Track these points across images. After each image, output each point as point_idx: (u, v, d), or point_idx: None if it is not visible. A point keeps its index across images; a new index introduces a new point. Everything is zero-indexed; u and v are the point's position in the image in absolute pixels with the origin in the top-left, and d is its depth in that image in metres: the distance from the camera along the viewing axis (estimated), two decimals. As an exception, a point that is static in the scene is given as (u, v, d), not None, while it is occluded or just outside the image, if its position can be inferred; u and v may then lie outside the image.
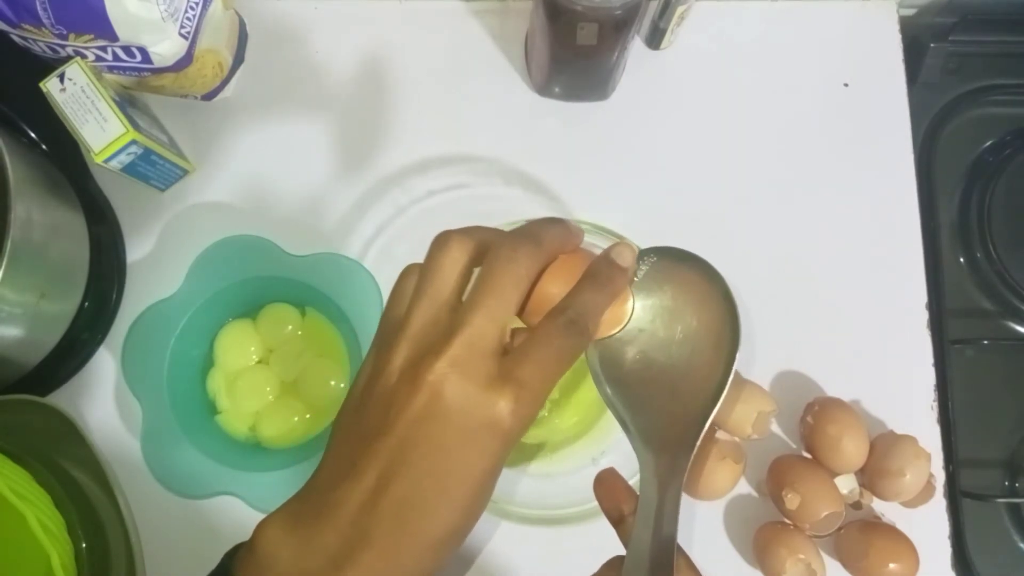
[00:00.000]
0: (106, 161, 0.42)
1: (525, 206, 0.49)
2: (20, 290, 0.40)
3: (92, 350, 0.46)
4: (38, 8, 0.39)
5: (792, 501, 0.42)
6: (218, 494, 0.42)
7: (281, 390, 0.45)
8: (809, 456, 0.45)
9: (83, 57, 0.42)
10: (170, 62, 0.43)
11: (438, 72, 0.51)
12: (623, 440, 0.29)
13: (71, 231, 0.45)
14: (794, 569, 0.41)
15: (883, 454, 0.43)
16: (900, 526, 0.43)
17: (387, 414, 0.23)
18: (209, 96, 0.49)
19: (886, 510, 0.45)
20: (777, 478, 0.43)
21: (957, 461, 0.46)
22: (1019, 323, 0.49)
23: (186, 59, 0.44)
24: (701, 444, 0.27)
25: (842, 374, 0.47)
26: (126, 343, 0.43)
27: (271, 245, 0.44)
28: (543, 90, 0.50)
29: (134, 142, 0.42)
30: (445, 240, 0.25)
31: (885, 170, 0.50)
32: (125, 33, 0.40)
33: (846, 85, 0.51)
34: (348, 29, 0.51)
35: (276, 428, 0.45)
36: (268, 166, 0.49)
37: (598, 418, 0.44)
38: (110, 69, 0.44)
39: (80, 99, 0.42)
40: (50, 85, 0.42)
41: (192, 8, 0.43)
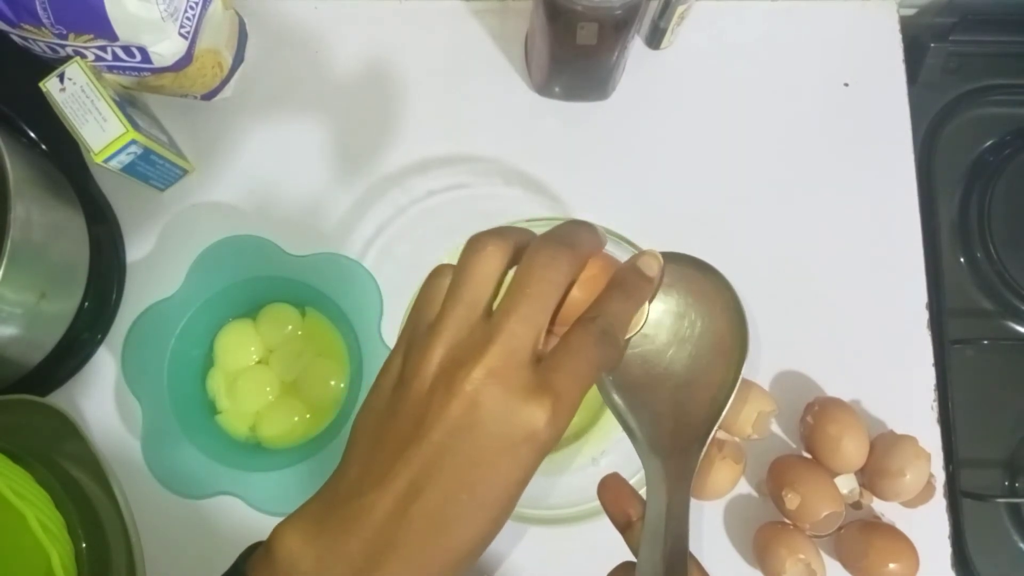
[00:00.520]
0: (106, 161, 0.42)
1: (525, 206, 0.49)
2: (20, 290, 0.40)
3: (92, 350, 0.46)
4: (38, 8, 0.39)
5: (792, 501, 0.42)
6: (218, 494, 0.42)
7: (281, 390, 0.45)
8: (809, 456, 0.45)
9: (83, 57, 0.42)
10: (170, 62, 0.43)
11: (438, 72, 0.51)
12: (623, 440, 0.29)
13: (71, 231, 0.45)
14: (794, 569, 0.41)
15: (883, 454, 0.43)
16: (900, 526, 0.43)
17: (421, 422, 0.22)
18: (209, 96, 0.49)
19: (886, 510, 0.45)
20: (777, 478, 0.43)
21: (957, 461, 0.46)
22: (1019, 323, 0.49)
23: (186, 59, 0.44)
24: (707, 445, 0.28)
25: (842, 374, 0.47)
26: (126, 343, 0.43)
27: (271, 245, 0.44)
28: (543, 90, 0.50)
29: (134, 142, 0.42)
30: (482, 244, 0.24)
31: (885, 170, 0.50)
32: (125, 33, 0.40)
33: (846, 85, 0.51)
34: (348, 29, 0.51)
35: (276, 428, 0.45)
36: (268, 166, 0.49)
37: (598, 418, 0.44)
38: (110, 69, 0.44)
39: (80, 99, 0.42)
40: (50, 85, 0.42)
41: (192, 8, 0.43)
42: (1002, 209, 0.49)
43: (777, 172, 0.50)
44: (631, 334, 0.27)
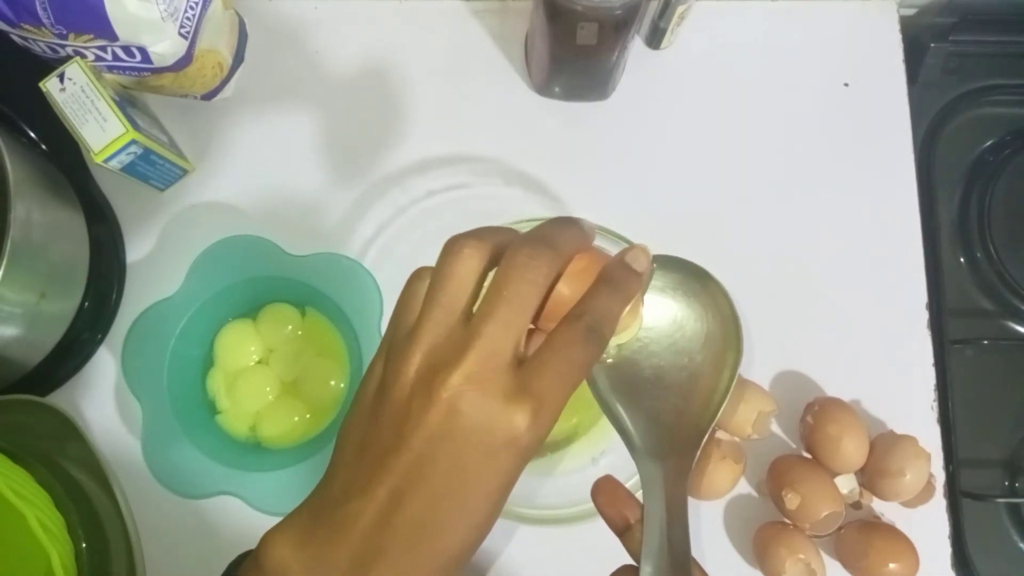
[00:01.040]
0: (106, 161, 0.42)
1: (525, 206, 0.49)
2: (20, 290, 0.40)
3: (92, 350, 0.46)
4: (38, 8, 0.39)
5: (792, 501, 0.42)
6: (218, 494, 0.42)
7: (281, 390, 0.45)
8: (809, 456, 0.45)
9: (83, 57, 0.42)
10: (170, 62, 0.43)
11: (438, 72, 0.51)
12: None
13: (71, 231, 0.45)
14: (794, 569, 0.41)
15: (883, 454, 0.43)
16: (900, 526, 0.43)
17: (401, 429, 0.22)
18: (209, 96, 0.49)
19: (886, 510, 0.45)
20: (777, 478, 0.43)
21: (957, 461, 0.46)
22: (1019, 323, 0.49)
23: (186, 59, 0.44)
24: (702, 447, 0.28)
25: (842, 374, 0.47)
26: (126, 343, 0.43)
27: (271, 245, 0.44)
28: (543, 90, 0.50)
29: (134, 142, 0.42)
30: (459, 245, 0.23)
31: (885, 170, 0.50)
32: (125, 33, 0.40)
33: (846, 85, 0.51)
34: (348, 29, 0.51)
35: (276, 428, 0.45)
36: (268, 166, 0.49)
37: (598, 418, 0.44)
38: (110, 69, 0.44)
39: (80, 99, 0.42)
40: (50, 85, 0.42)
41: (192, 8, 0.43)
42: (1002, 209, 0.49)
43: (777, 172, 0.50)
44: (626, 339, 0.27)
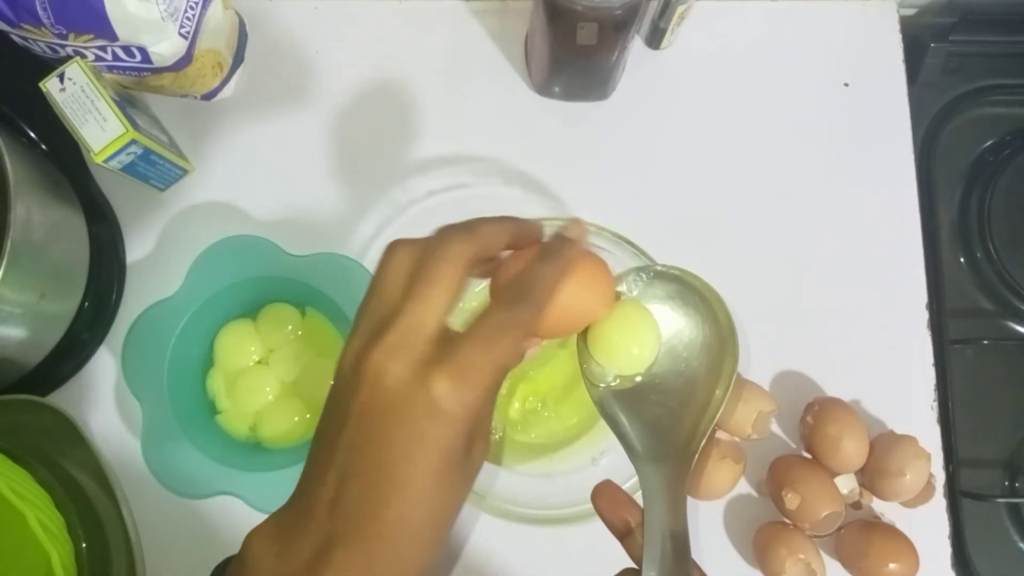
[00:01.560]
0: (106, 161, 0.42)
1: (525, 206, 0.49)
2: (20, 290, 0.40)
3: (92, 350, 0.46)
4: (38, 8, 0.39)
5: (792, 501, 0.42)
6: (218, 494, 0.42)
7: (281, 390, 0.45)
8: (809, 456, 0.45)
9: (83, 57, 0.43)
10: (170, 62, 0.43)
11: (438, 72, 0.51)
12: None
13: (71, 231, 0.45)
14: (794, 569, 0.41)
15: (883, 454, 0.43)
16: (900, 526, 0.43)
17: (343, 411, 0.23)
18: (209, 96, 0.49)
19: (886, 510, 0.45)
20: (777, 478, 0.43)
21: (957, 461, 0.46)
22: (1019, 323, 0.49)
23: (186, 59, 0.44)
24: (702, 448, 0.28)
25: (842, 374, 0.47)
26: (126, 343, 0.43)
27: (271, 245, 0.44)
28: (543, 90, 0.50)
29: (134, 142, 0.42)
30: (391, 247, 0.26)
31: (885, 170, 0.50)
32: (125, 33, 0.40)
33: (846, 85, 0.51)
34: (348, 29, 0.51)
35: (276, 428, 0.45)
36: (268, 166, 0.49)
37: (598, 418, 0.44)
38: (110, 69, 0.44)
39: (80, 99, 0.42)
40: (50, 85, 0.42)
41: (192, 8, 0.43)
42: (1002, 209, 0.49)
43: (777, 172, 0.50)
44: (636, 370, 0.27)
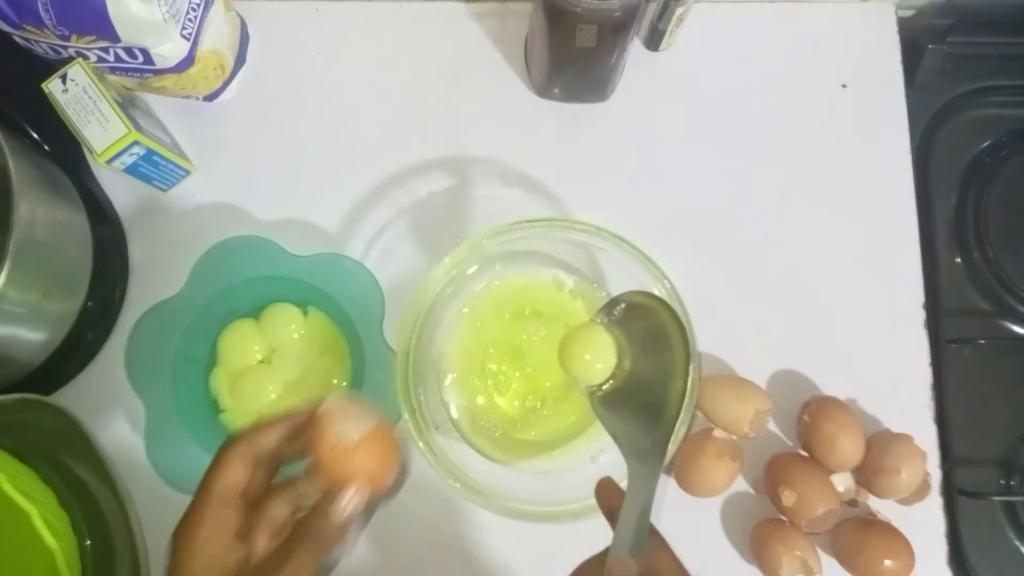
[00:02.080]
0: (109, 162, 0.43)
1: (525, 207, 0.49)
2: (24, 290, 0.40)
3: (96, 349, 0.47)
4: (40, 9, 0.39)
5: (789, 498, 0.42)
6: (221, 492, 0.42)
7: (284, 389, 0.46)
8: (806, 454, 0.45)
9: (85, 58, 0.43)
10: (172, 63, 0.44)
11: (438, 73, 0.51)
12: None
13: (74, 231, 0.45)
14: (791, 566, 0.41)
15: (879, 452, 0.43)
16: (896, 524, 0.44)
17: None
18: (211, 97, 0.49)
19: (882, 508, 0.45)
20: (774, 476, 0.44)
21: (953, 459, 0.46)
22: (1015, 323, 0.49)
23: (188, 60, 0.44)
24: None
25: (839, 373, 0.47)
26: (130, 342, 0.44)
27: (273, 245, 0.44)
28: (543, 91, 0.50)
29: (136, 143, 0.43)
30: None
31: (882, 170, 0.50)
32: (127, 34, 0.41)
33: (844, 86, 0.52)
34: (349, 30, 0.51)
35: (278, 427, 0.45)
36: (270, 166, 0.49)
37: (596, 418, 0.44)
38: (112, 70, 0.45)
39: (82, 100, 0.42)
40: (52, 86, 0.42)
41: (194, 9, 0.43)
42: (998, 210, 0.50)
43: (774, 172, 0.50)
44: (603, 381, 0.34)
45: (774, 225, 0.49)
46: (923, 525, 0.45)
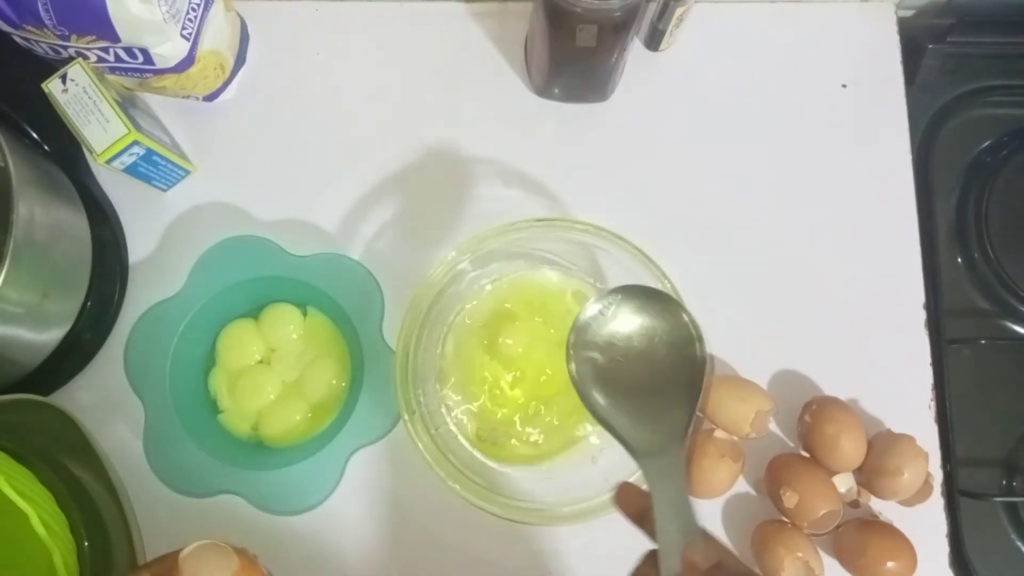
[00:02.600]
0: (108, 162, 0.43)
1: (525, 207, 0.49)
2: (23, 290, 0.40)
3: (94, 350, 0.47)
4: (40, 9, 0.39)
5: (790, 500, 0.42)
6: (220, 493, 0.42)
7: (283, 389, 0.46)
8: (807, 455, 0.45)
9: (85, 58, 0.43)
10: (172, 63, 0.44)
11: (438, 73, 0.51)
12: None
13: (73, 231, 0.45)
14: (792, 567, 0.41)
15: (881, 453, 0.43)
16: (898, 525, 0.44)
17: None
18: (211, 97, 0.49)
19: (884, 509, 0.45)
20: (775, 477, 0.44)
21: (955, 460, 0.46)
22: (1016, 323, 0.49)
23: (188, 60, 0.44)
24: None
25: (840, 373, 0.47)
26: (128, 343, 0.43)
27: (273, 245, 0.44)
28: (543, 91, 0.50)
29: (136, 143, 0.43)
30: None
31: (883, 170, 0.50)
32: (127, 34, 0.41)
33: (844, 86, 0.52)
34: (349, 30, 0.51)
35: (278, 427, 0.45)
36: (270, 166, 0.49)
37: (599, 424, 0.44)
38: (112, 70, 0.45)
39: (82, 100, 0.42)
40: (52, 86, 0.42)
41: (194, 9, 0.43)
42: (999, 210, 0.50)
43: (775, 173, 0.50)
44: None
45: (774, 225, 0.49)
46: (925, 526, 0.45)
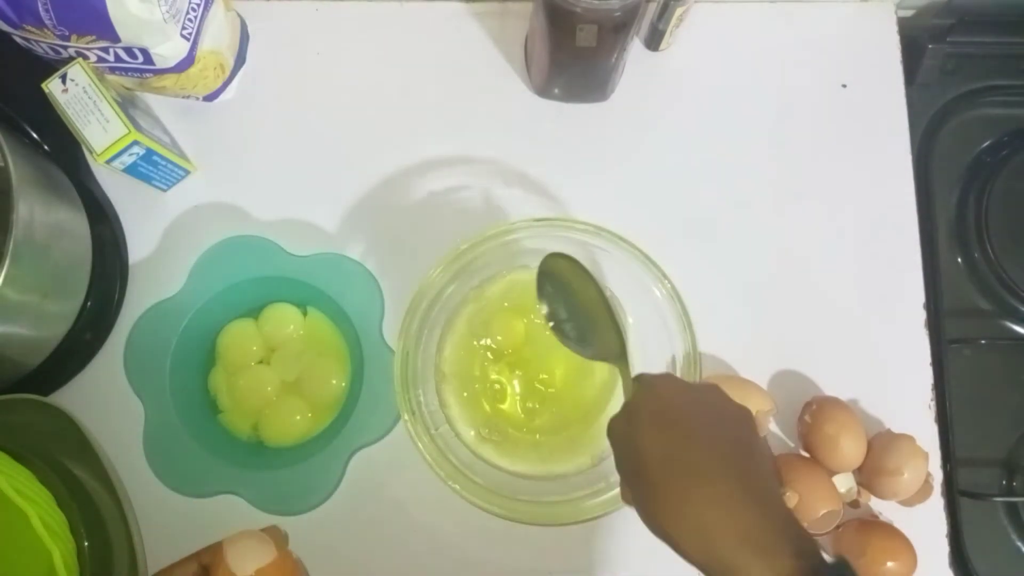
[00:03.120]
0: (108, 161, 0.43)
1: (525, 206, 0.49)
2: (23, 290, 0.40)
3: (94, 349, 0.47)
4: (40, 9, 0.39)
5: (790, 499, 0.42)
6: (220, 493, 0.42)
7: (283, 389, 0.46)
8: (807, 455, 0.45)
9: (85, 58, 0.43)
10: (172, 63, 0.44)
11: (438, 73, 0.51)
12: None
13: (73, 231, 0.45)
14: (792, 567, 0.41)
15: (881, 453, 0.43)
16: (898, 525, 0.44)
17: None
18: (211, 97, 0.49)
19: (884, 509, 0.45)
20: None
21: (955, 460, 0.46)
22: (1016, 323, 0.49)
23: (188, 60, 0.44)
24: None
25: (840, 373, 0.47)
26: (128, 342, 0.44)
27: (273, 245, 0.44)
28: (543, 91, 0.50)
29: (136, 143, 0.43)
30: None
31: (883, 170, 0.50)
32: (127, 34, 0.41)
33: (844, 86, 0.52)
34: (349, 30, 0.51)
35: (278, 427, 0.45)
36: (270, 166, 0.49)
37: (598, 419, 0.44)
38: (112, 70, 0.45)
39: (82, 100, 0.42)
40: (52, 86, 0.42)
41: (194, 9, 0.43)
42: (999, 210, 0.50)
43: (775, 172, 0.50)
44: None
45: (774, 225, 0.49)
46: (925, 526, 0.45)
